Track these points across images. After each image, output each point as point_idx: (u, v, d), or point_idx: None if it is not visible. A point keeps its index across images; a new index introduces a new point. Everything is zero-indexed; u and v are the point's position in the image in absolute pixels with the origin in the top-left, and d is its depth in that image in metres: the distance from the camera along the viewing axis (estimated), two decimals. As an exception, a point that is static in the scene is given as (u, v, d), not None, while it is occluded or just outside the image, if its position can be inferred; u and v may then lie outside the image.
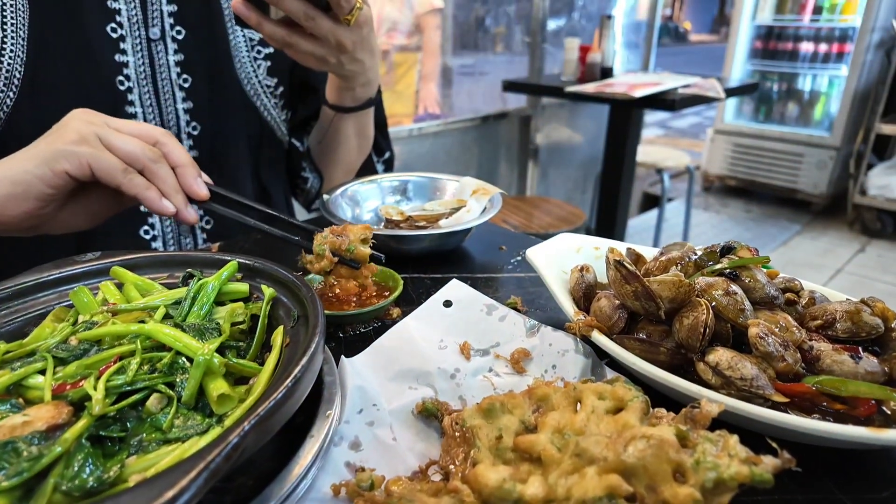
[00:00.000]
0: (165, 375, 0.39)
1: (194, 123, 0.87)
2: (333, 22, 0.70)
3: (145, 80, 0.82)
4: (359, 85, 0.85)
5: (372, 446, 0.41)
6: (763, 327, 0.44)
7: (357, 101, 0.88)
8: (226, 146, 0.90)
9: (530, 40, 3.03)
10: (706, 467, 0.31)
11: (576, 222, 2.43)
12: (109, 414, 0.36)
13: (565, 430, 0.36)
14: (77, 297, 0.48)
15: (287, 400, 0.34)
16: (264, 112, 0.93)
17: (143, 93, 0.82)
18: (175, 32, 0.83)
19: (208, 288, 0.48)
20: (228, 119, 0.89)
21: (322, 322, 0.42)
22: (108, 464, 0.34)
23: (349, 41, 0.73)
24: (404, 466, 0.40)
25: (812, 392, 0.41)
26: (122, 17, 0.80)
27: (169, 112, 0.84)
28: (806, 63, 4.11)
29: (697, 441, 0.33)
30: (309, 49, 0.72)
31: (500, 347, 0.51)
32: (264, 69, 0.91)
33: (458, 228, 0.73)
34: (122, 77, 0.80)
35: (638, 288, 0.46)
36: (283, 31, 0.70)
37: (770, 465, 0.31)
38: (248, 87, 0.90)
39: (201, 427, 0.37)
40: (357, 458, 0.40)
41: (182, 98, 0.85)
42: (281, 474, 0.36)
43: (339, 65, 0.77)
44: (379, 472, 0.39)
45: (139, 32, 0.81)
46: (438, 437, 0.43)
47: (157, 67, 0.83)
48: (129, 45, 0.80)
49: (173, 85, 0.84)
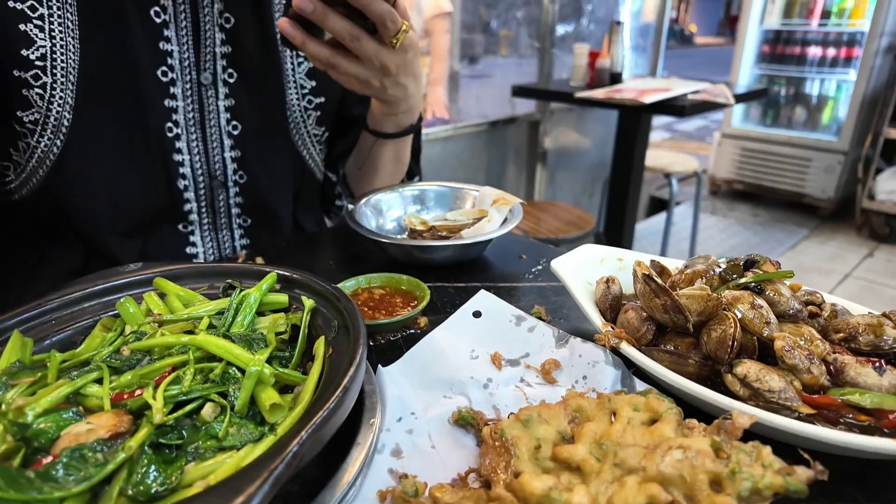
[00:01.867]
0: (218, 385, 0.41)
1: (241, 172, 0.85)
2: (379, 44, 0.69)
3: (194, 127, 0.80)
4: (401, 111, 0.84)
5: (413, 454, 0.43)
6: (789, 340, 0.45)
7: (398, 127, 0.87)
8: (270, 194, 0.88)
9: (539, 45, 3.04)
10: (742, 477, 0.33)
11: (584, 227, 2.45)
12: (167, 422, 0.38)
13: (603, 441, 0.38)
14: (123, 308, 0.50)
15: (338, 408, 0.36)
16: (309, 160, 0.92)
17: (190, 140, 0.80)
18: (227, 76, 0.80)
19: (250, 299, 0.50)
20: (275, 167, 0.88)
21: (364, 333, 0.44)
22: (168, 470, 0.36)
23: (393, 64, 0.71)
24: (444, 474, 0.42)
25: (838, 404, 0.43)
26: (174, 59, 0.76)
27: (216, 160, 0.82)
28: (814, 67, 4.11)
29: (731, 452, 0.35)
30: (352, 71, 0.71)
31: (529, 358, 0.53)
32: (314, 119, 0.89)
33: (483, 239, 0.75)
34: (171, 123, 0.78)
35: (667, 301, 0.48)
36: (328, 52, 0.68)
37: (804, 475, 0.32)
38: (297, 136, 0.88)
39: (255, 435, 0.39)
40: (399, 465, 0.42)
41: (230, 146, 0.83)
42: (331, 481, 0.37)
43: (383, 89, 0.75)
44: (420, 479, 0.41)
45: (190, 77, 0.78)
46: (475, 446, 0.45)
47: (206, 113, 0.80)
48: (179, 90, 0.77)
49: (222, 132, 0.82)
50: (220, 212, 0.87)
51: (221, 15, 0.78)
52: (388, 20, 0.65)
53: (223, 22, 0.79)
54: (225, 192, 0.85)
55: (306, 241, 0.91)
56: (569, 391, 0.44)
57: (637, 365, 0.49)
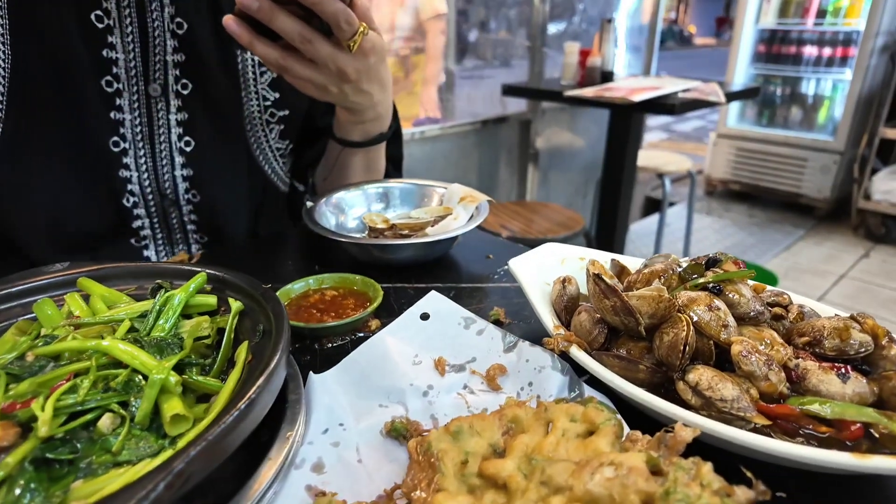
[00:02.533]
0: (120, 394, 0.38)
1: (194, 191, 0.79)
2: (334, 47, 0.64)
3: (142, 142, 0.74)
4: (368, 119, 0.78)
5: (336, 468, 0.39)
6: (747, 345, 0.42)
7: (367, 135, 0.82)
8: (227, 213, 0.83)
9: (530, 44, 3.01)
10: (676, 498, 0.29)
11: (575, 227, 2.41)
12: (58, 435, 0.35)
13: (534, 456, 0.34)
14: (41, 310, 0.47)
15: (239, 423, 0.33)
16: (271, 174, 0.86)
17: (138, 156, 0.74)
18: (180, 87, 0.74)
19: (175, 300, 0.47)
20: (232, 187, 0.82)
21: (286, 339, 0.40)
22: (52, 489, 0.33)
23: (352, 69, 0.66)
24: (369, 490, 0.38)
25: (796, 414, 0.40)
26: (120, 68, 0.70)
27: (166, 178, 0.76)
28: (809, 67, 4.08)
29: (669, 469, 0.32)
30: (307, 75, 0.66)
31: (476, 363, 0.50)
32: (277, 133, 0.83)
33: (443, 237, 0.71)
34: (118, 137, 0.72)
35: (617, 303, 0.45)
36: (278, 53, 0.63)
37: (743, 497, 0.29)
38: (258, 151, 0.83)
39: (153, 449, 0.35)
40: (319, 480, 0.38)
41: (181, 164, 0.77)
42: (234, 498, 0.34)
43: (343, 95, 0.70)
44: (342, 495, 0.37)
45: (138, 87, 0.72)
46: (408, 459, 0.41)
47: (155, 127, 0.74)
48: (125, 102, 0.71)
49: (172, 148, 0.76)
50: (174, 228, 0.81)
51: (173, 20, 0.72)
52: (343, 21, 0.60)
53: (175, 27, 0.73)
54: (177, 211, 0.80)
55: (267, 243, 0.88)
56: (508, 399, 0.41)
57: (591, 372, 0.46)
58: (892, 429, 0.38)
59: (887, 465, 0.34)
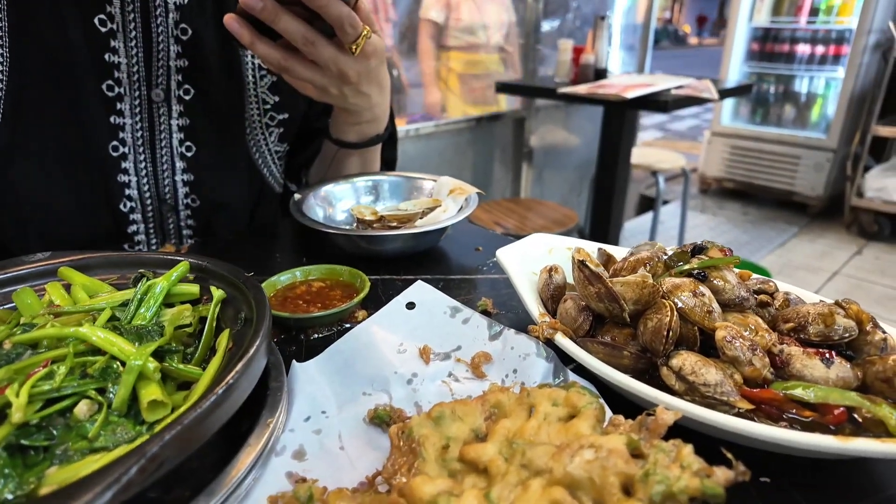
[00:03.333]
0: (97, 381, 0.37)
1: (193, 195, 0.79)
2: (336, 49, 0.63)
3: (142, 147, 0.74)
4: (364, 121, 0.78)
5: (317, 455, 0.39)
6: (731, 330, 0.42)
7: (362, 137, 0.82)
8: (225, 216, 0.83)
9: (523, 42, 3.01)
10: (655, 480, 0.29)
11: (569, 224, 2.41)
12: (33, 422, 0.34)
13: (515, 440, 0.34)
14: (20, 299, 0.47)
15: (216, 408, 0.32)
16: (268, 177, 0.87)
17: (138, 161, 0.74)
18: (182, 92, 0.74)
19: (156, 289, 0.46)
20: (231, 190, 0.82)
21: (266, 325, 0.40)
22: (26, 475, 0.32)
23: (353, 72, 0.66)
24: (351, 477, 0.38)
25: (780, 398, 0.40)
26: (122, 72, 0.70)
27: (166, 183, 0.77)
28: (802, 65, 4.09)
29: (650, 451, 0.31)
30: (307, 76, 0.66)
31: (461, 351, 0.49)
32: (276, 136, 0.84)
33: (431, 228, 0.71)
34: (117, 142, 0.72)
35: (601, 289, 0.45)
36: (280, 54, 0.63)
37: (722, 477, 0.29)
38: (257, 154, 0.83)
39: (131, 435, 0.35)
40: (300, 467, 0.38)
41: (182, 169, 0.77)
42: (211, 485, 0.34)
43: (343, 97, 0.70)
44: (324, 482, 0.37)
45: (140, 92, 0.72)
46: (389, 447, 0.41)
47: (156, 133, 0.74)
48: (126, 106, 0.71)
49: (173, 153, 0.76)
50: (169, 233, 0.81)
51: (177, 25, 0.72)
52: (347, 24, 0.60)
53: (179, 33, 0.72)
54: (175, 216, 0.80)
55: (255, 235, 0.88)
56: (491, 385, 0.41)
57: (576, 359, 0.46)
58: (875, 412, 0.38)
59: (870, 448, 0.34)
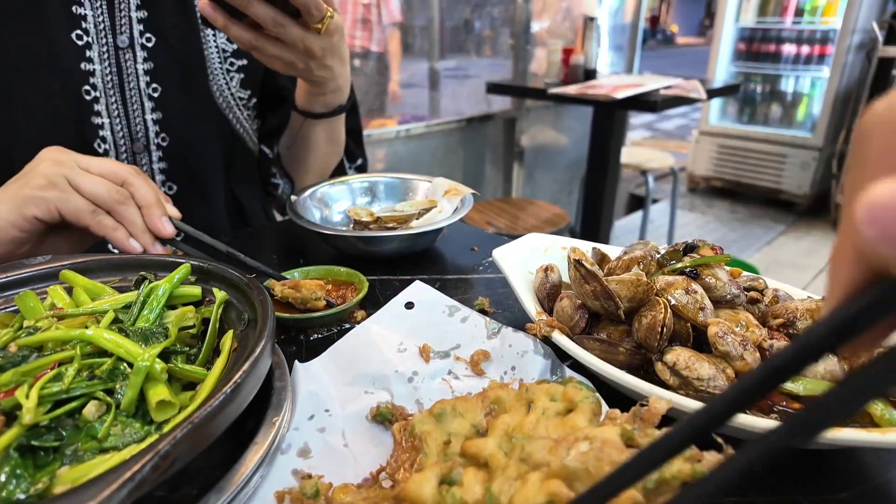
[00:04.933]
0: (105, 382, 0.38)
1: (163, 135, 0.84)
2: (303, 29, 0.69)
3: (112, 90, 0.79)
4: (328, 91, 0.83)
5: (322, 453, 0.40)
6: (723, 326, 0.43)
7: (327, 107, 0.87)
8: (196, 157, 0.87)
9: (514, 42, 3.03)
10: (650, 469, 0.30)
11: (560, 224, 2.43)
12: (43, 423, 0.35)
13: (514, 434, 0.35)
14: (22, 302, 0.47)
15: (225, 407, 0.33)
16: (236, 124, 0.91)
17: (110, 102, 0.79)
18: (145, 40, 0.80)
19: (159, 291, 0.47)
20: (199, 130, 0.87)
21: (270, 326, 0.41)
22: (38, 475, 0.33)
23: (318, 48, 0.71)
24: (355, 473, 0.39)
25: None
26: (89, 23, 0.76)
27: (137, 122, 0.81)
28: (788, 65, 4.15)
29: (643, 441, 0.32)
30: (276, 53, 0.71)
31: (460, 349, 0.50)
32: (237, 81, 0.88)
33: (428, 229, 0.72)
34: (89, 86, 0.77)
35: (597, 287, 0.46)
36: (251, 35, 0.68)
37: (713, 462, 0.30)
38: (220, 98, 0.87)
39: (140, 435, 0.36)
40: (305, 465, 0.39)
41: (151, 108, 0.82)
42: (220, 483, 0.34)
43: (308, 70, 0.75)
44: (328, 479, 0.38)
45: (106, 40, 0.78)
46: (393, 443, 0.42)
47: (125, 76, 0.79)
48: (95, 53, 0.77)
49: (142, 94, 0.81)
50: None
51: None
52: (313, 8, 0.66)
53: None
54: (147, 156, 0.84)
55: (251, 236, 0.88)
56: (491, 382, 0.42)
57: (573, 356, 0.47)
58: (860, 404, 0.39)
59: (856, 437, 0.36)
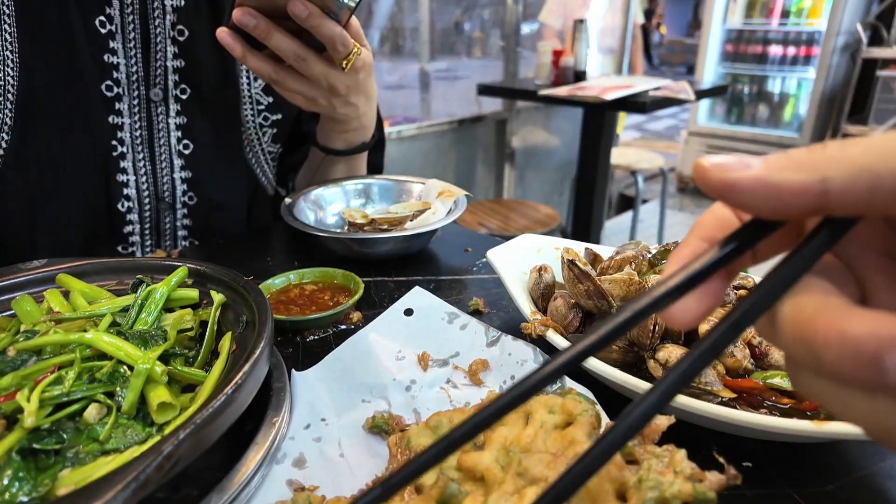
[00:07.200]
0: (106, 385, 0.38)
1: (191, 193, 0.80)
2: (327, 65, 0.65)
3: (141, 146, 0.75)
4: (351, 129, 0.80)
5: (318, 463, 0.40)
6: (713, 323, 0.44)
7: (349, 144, 0.83)
8: (220, 216, 0.84)
9: (504, 44, 3.04)
10: (648, 486, 0.30)
11: (551, 224, 2.45)
12: (44, 426, 0.35)
13: (511, 448, 0.36)
14: (19, 306, 0.47)
15: (226, 407, 0.34)
16: (262, 177, 0.88)
17: (137, 159, 0.75)
18: (179, 91, 0.76)
19: (156, 294, 0.47)
20: (226, 188, 0.83)
21: (269, 328, 0.41)
22: (40, 478, 0.33)
23: (342, 85, 0.68)
24: (351, 484, 0.39)
25: (760, 387, 0.42)
26: (121, 73, 0.71)
27: (165, 181, 0.78)
28: (775, 66, 4.20)
29: (643, 457, 0.33)
30: (297, 88, 0.67)
31: (459, 358, 0.50)
32: (269, 136, 0.85)
33: (422, 230, 0.72)
34: (116, 141, 0.73)
35: (590, 287, 0.47)
36: (271, 67, 0.64)
37: (715, 482, 0.30)
38: (251, 154, 0.84)
39: (141, 437, 0.36)
40: (300, 475, 0.39)
41: (181, 166, 0.78)
42: (222, 483, 0.35)
43: (331, 107, 0.72)
44: (324, 490, 0.38)
45: (138, 92, 0.73)
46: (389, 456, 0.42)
47: (155, 131, 0.75)
48: (125, 106, 0.73)
49: (172, 151, 0.77)
50: (164, 234, 0.82)
51: (174, 27, 0.74)
52: (339, 44, 0.62)
53: (176, 34, 0.74)
54: (172, 215, 0.81)
55: (246, 239, 0.88)
56: (489, 393, 0.42)
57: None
58: (847, 398, 0.41)
59: (842, 430, 0.37)
